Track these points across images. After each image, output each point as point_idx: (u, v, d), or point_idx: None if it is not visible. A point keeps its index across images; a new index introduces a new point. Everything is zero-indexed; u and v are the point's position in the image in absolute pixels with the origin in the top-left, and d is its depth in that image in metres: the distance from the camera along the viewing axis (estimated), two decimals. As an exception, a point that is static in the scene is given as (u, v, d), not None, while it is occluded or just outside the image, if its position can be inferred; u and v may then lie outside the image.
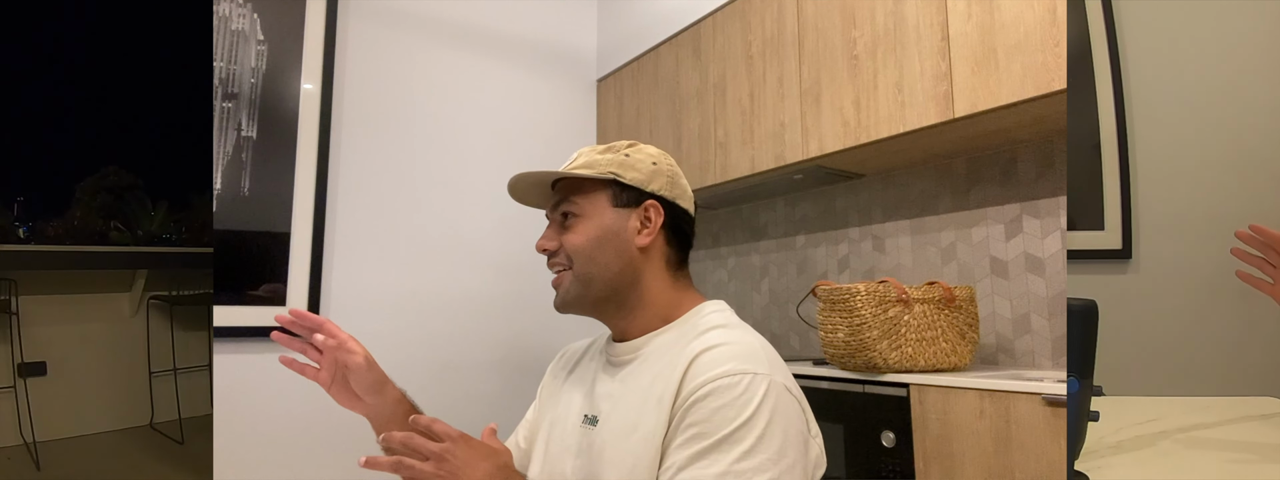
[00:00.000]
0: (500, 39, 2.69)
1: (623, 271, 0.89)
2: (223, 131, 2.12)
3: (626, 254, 0.89)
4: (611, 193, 0.91)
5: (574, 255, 0.89)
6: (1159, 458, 1.00)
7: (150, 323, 2.99)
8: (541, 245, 0.93)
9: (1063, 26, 1.38)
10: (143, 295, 2.99)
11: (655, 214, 0.91)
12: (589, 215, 0.90)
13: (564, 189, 0.93)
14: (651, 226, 0.90)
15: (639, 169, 0.91)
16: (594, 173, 0.90)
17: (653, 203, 0.91)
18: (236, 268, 2.10)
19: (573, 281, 0.90)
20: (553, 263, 0.92)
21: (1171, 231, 2.01)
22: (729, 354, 0.78)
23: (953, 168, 1.95)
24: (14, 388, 2.61)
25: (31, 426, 2.58)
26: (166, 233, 3.36)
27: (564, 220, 0.92)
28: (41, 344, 2.75)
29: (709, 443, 0.72)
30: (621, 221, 0.90)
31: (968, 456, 1.33)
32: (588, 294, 0.90)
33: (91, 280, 2.92)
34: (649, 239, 0.90)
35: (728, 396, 0.73)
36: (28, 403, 2.61)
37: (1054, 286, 1.70)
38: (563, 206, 0.92)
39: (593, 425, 0.86)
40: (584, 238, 0.89)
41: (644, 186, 0.91)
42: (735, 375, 0.75)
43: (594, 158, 0.92)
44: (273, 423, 2.09)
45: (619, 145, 0.95)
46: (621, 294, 0.90)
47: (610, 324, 0.93)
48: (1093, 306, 0.87)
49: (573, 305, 0.91)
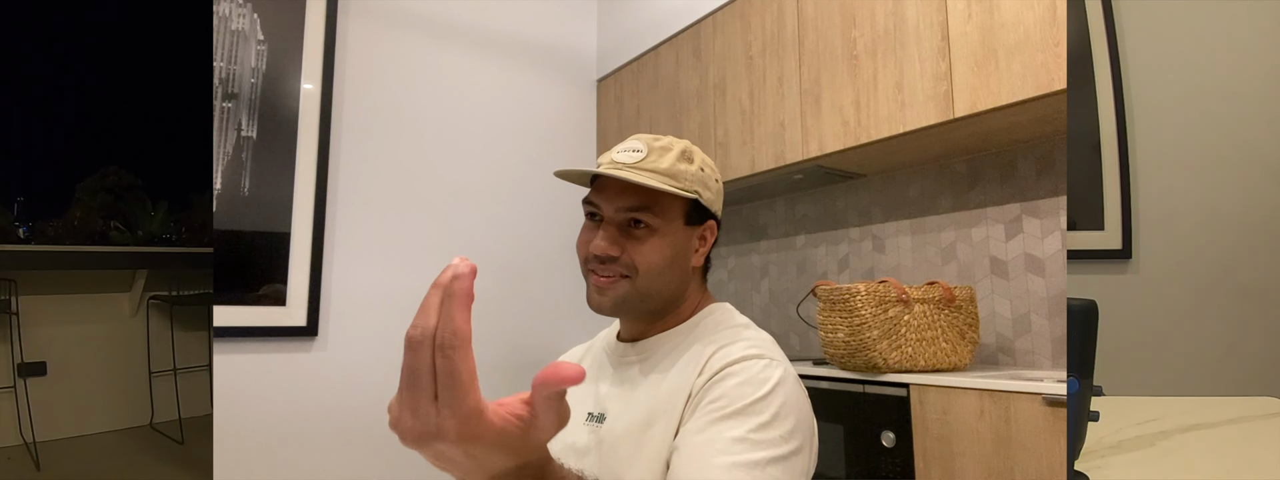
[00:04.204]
0: (500, 39, 2.69)
1: (678, 289, 0.88)
2: (223, 131, 2.12)
3: (686, 273, 0.88)
4: (687, 211, 0.86)
5: (643, 269, 0.83)
6: (1159, 458, 1.00)
7: (150, 323, 2.99)
8: (603, 250, 0.83)
9: (1063, 26, 1.38)
10: (143, 295, 2.99)
11: (710, 235, 0.90)
12: (664, 232, 0.84)
13: (639, 192, 0.83)
14: (706, 247, 0.89)
15: (711, 188, 0.88)
16: (681, 188, 0.83)
17: (712, 224, 0.90)
18: (236, 268, 2.10)
19: (630, 292, 0.84)
20: (607, 268, 0.84)
21: (1171, 231, 2.01)
22: (745, 345, 0.80)
23: (953, 168, 1.95)
24: (14, 388, 2.61)
25: (31, 426, 2.58)
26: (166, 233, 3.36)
27: (632, 226, 0.83)
28: (41, 344, 2.75)
29: (727, 411, 0.72)
30: (688, 240, 0.87)
31: (968, 456, 1.33)
32: (641, 306, 0.86)
33: (91, 280, 2.92)
34: (701, 259, 0.89)
35: (746, 374, 0.75)
36: (28, 403, 2.61)
37: (1054, 286, 1.70)
38: (637, 214, 0.83)
39: (599, 423, 0.86)
40: (659, 256, 0.83)
41: (711, 207, 0.88)
42: (753, 359, 0.77)
43: (676, 166, 0.83)
44: (273, 423, 2.09)
45: (688, 151, 0.87)
46: (669, 306, 0.89)
47: (636, 326, 0.91)
48: (1093, 306, 0.87)
49: (621, 313, 0.87)
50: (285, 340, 2.15)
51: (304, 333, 2.17)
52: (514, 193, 2.59)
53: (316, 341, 2.20)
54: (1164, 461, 0.98)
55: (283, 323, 2.15)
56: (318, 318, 2.20)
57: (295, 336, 2.16)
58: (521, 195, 2.58)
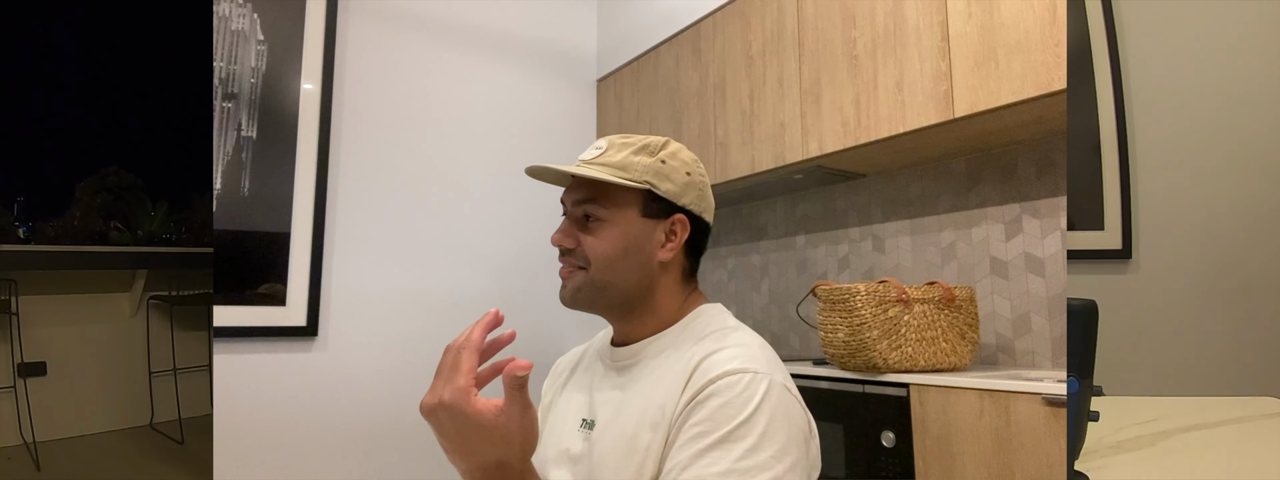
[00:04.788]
0: (500, 39, 2.69)
1: (639, 283, 0.86)
2: (223, 131, 2.12)
3: (647, 267, 0.86)
4: (643, 202, 0.85)
5: (594, 261, 0.84)
6: (1159, 458, 1.00)
7: (150, 323, 2.99)
8: (558, 241, 0.86)
9: (1063, 26, 1.38)
10: (143, 295, 2.99)
11: (681, 229, 0.87)
12: (615, 222, 0.85)
13: (589, 185, 0.86)
14: (676, 241, 0.87)
15: (674, 180, 0.86)
16: (629, 179, 0.84)
17: (681, 217, 0.87)
18: (236, 268, 2.10)
19: (586, 284, 0.85)
20: (566, 259, 0.87)
21: (1171, 231, 2.01)
22: (728, 356, 0.77)
23: (953, 168, 1.95)
24: (14, 388, 2.61)
25: (31, 426, 2.58)
26: (166, 233, 3.36)
27: (586, 220, 0.86)
28: (41, 344, 2.75)
29: (711, 440, 0.71)
30: (647, 233, 0.85)
31: (968, 456, 1.33)
32: (598, 299, 0.86)
33: (91, 280, 2.92)
34: (671, 254, 0.86)
35: (728, 395, 0.73)
36: (28, 403, 2.61)
37: (1054, 286, 1.70)
38: (586, 206, 0.85)
39: (590, 429, 0.86)
40: (608, 246, 0.84)
41: (676, 199, 0.86)
42: (735, 375, 0.74)
43: (629, 158, 0.85)
44: (273, 423, 2.09)
45: (654, 144, 0.87)
46: (632, 302, 0.87)
47: (618, 324, 0.91)
48: (1093, 306, 0.87)
49: (581, 305, 0.87)
50: (285, 340, 2.15)
51: (304, 333, 2.17)
52: (514, 193, 2.59)
53: (316, 341, 2.20)
54: (1164, 461, 0.98)
55: (282, 323, 2.15)
56: (318, 317, 2.20)
57: (295, 336, 2.17)
58: (521, 195, 2.58)
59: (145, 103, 3.58)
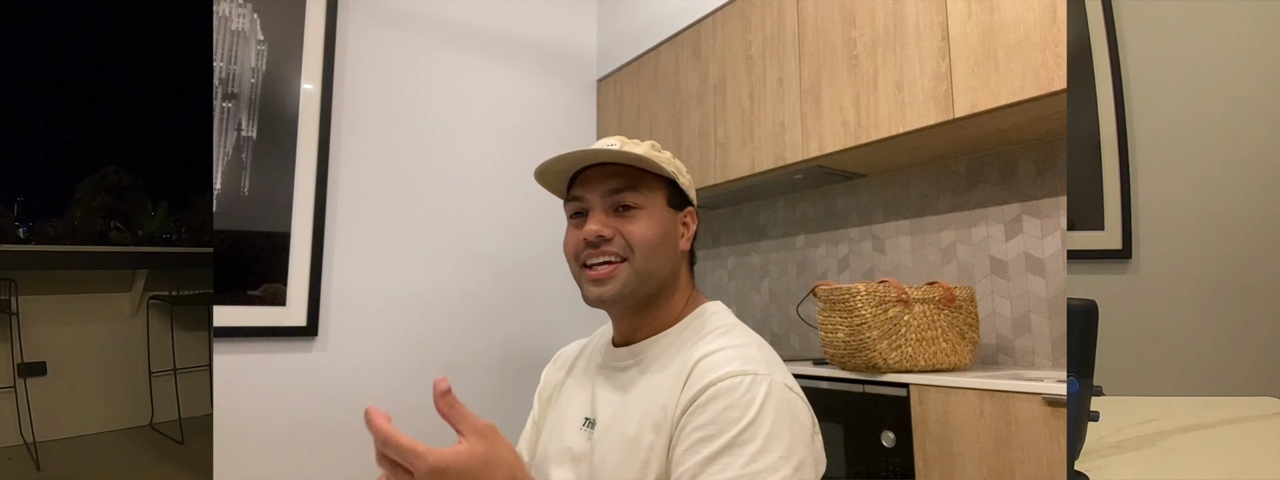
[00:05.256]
0: (500, 39, 2.69)
1: (670, 273, 0.89)
2: (223, 131, 2.12)
3: (675, 257, 0.89)
4: (668, 193, 0.90)
5: (638, 247, 0.84)
6: (1159, 458, 1.00)
7: (150, 323, 2.99)
8: (596, 232, 0.85)
9: (1063, 26, 1.38)
10: (143, 295, 2.99)
11: (692, 221, 0.93)
12: (651, 209, 0.87)
13: (622, 174, 0.87)
14: (689, 232, 0.92)
15: (685, 176, 0.92)
16: (662, 167, 0.88)
17: (692, 211, 0.93)
18: (236, 268, 2.10)
19: (631, 275, 0.84)
20: (603, 252, 0.85)
21: (1171, 231, 2.01)
22: (728, 357, 0.78)
23: (953, 168, 1.95)
24: (14, 388, 2.61)
25: (31, 426, 2.58)
26: (166, 233, 3.36)
27: (621, 210, 0.86)
28: (41, 344, 2.75)
29: (717, 446, 0.71)
30: (673, 222, 0.90)
31: (968, 456, 1.33)
32: (641, 289, 0.86)
33: (91, 280, 2.92)
34: (688, 245, 0.92)
35: (730, 398, 0.73)
36: (28, 403, 2.61)
37: (1054, 286, 1.70)
38: (623, 194, 0.86)
39: (591, 429, 0.86)
40: (650, 231, 0.85)
41: (688, 192, 0.92)
42: (736, 377, 0.74)
43: (649, 153, 0.87)
44: (273, 423, 2.09)
45: (657, 145, 0.93)
46: (660, 293, 0.88)
47: (631, 321, 0.90)
48: (1093, 306, 0.87)
49: (624, 299, 0.85)
50: (285, 340, 2.15)
51: (304, 332, 2.17)
52: (514, 193, 2.59)
53: (316, 341, 2.20)
54: (1164, 461, 0.98)
55: (283, 323, 2.14)
56: (318, 318, 2.20)
57: (295, 336, 2.16)
58: (521, 195, 2.58)
59: (145, 103, 3.58)
